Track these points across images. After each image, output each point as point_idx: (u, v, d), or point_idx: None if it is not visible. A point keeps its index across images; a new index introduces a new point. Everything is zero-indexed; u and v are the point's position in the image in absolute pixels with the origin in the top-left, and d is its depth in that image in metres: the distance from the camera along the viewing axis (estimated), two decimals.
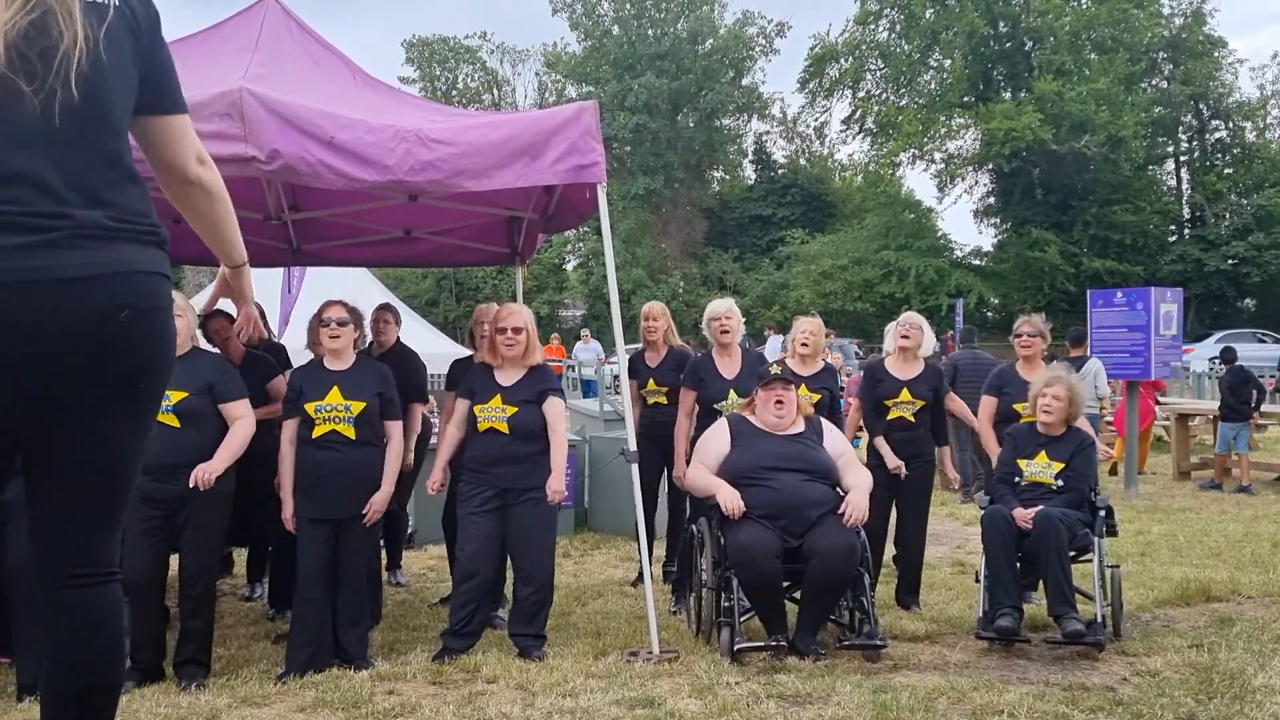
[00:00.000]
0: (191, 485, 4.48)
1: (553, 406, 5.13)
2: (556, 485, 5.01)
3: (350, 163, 4.47)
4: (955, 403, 6.45)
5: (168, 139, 2.35)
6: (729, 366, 6.11)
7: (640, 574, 6.09)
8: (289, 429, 4.98)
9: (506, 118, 5.16)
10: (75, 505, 2.22)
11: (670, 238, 41.97)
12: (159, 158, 2.37)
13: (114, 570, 2.30)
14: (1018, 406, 6.04)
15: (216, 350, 5.87)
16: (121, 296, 2.11)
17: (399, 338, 6.54)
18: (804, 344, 6.13)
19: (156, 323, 2.21)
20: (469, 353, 6.15)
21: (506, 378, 5.16)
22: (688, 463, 5.67)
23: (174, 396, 4.56)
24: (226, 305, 6.57)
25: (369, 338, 6.09)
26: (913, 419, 6.09)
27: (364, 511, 4.88)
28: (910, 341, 6.18)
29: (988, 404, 6.35)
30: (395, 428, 5.07)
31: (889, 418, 6.12)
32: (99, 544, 2.26)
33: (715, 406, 5.94)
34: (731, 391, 5.97)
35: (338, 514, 4.85)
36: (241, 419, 4.78)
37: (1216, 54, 39.66)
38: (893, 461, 6.00)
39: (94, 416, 2.17)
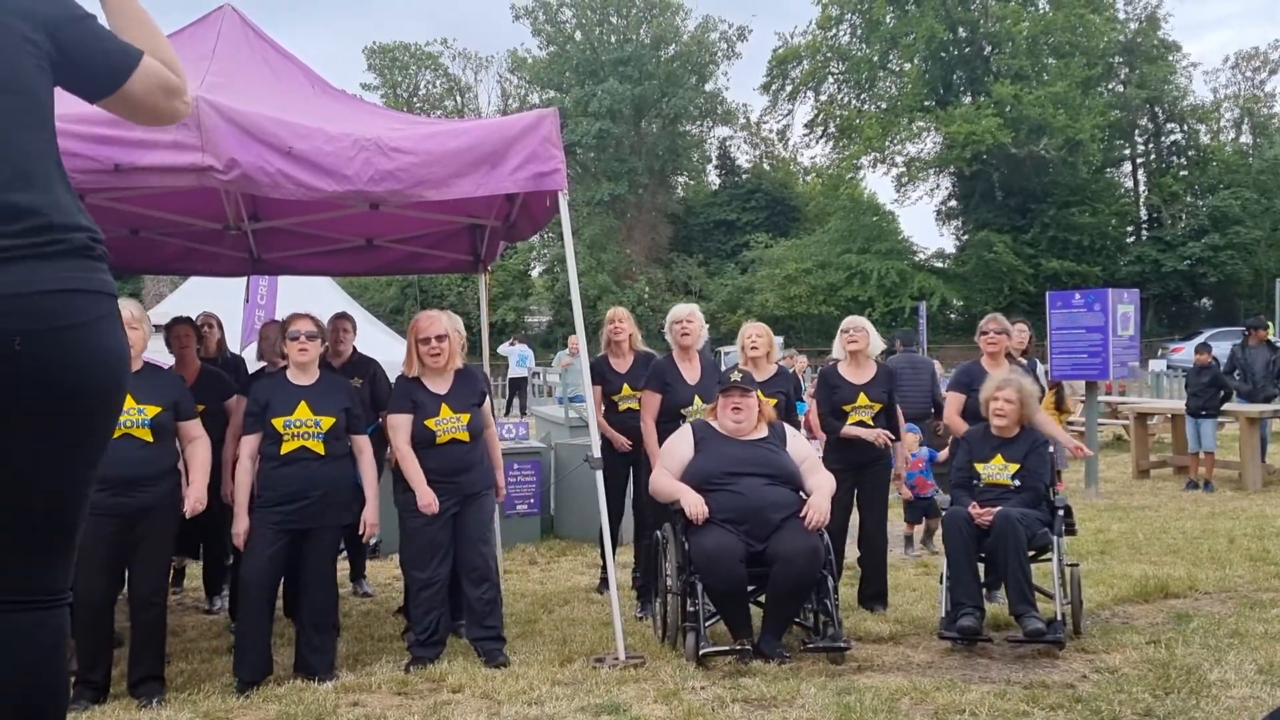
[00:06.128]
0: (189, 515, 4.64)
1: (487, 405, 5.36)
2: (503, 482, 5.42)
3: (309, 172, 4.44)
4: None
5: (128, 108, 2.19)
6: (691, 371, 6.14)
7: (604, 580, 6.09)
8: (250, 444, 4.87)
9: (466, 125, 5.15)
10: (3, 535, 2.08)
11: (635, 243, 42.00)
12: (133, 119, 2.28)
13: (57, 596, 2.16)
14: None
15: (173, 359, 5.83)
16: (11, 321, 1.91)
17: (355, 347, 6.51)
18: (753, 347, 6.16)
19: (71, 341, 1.98)
20: None
21: (439, 386, 5.14)
22: None
23: (149, 411, 4.51)
24: (189, 311, 6.57)
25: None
26: (871, 422, 6.12)
27: (360, 532, 5.05)
28: (858, 345, 6.22)
29: (955, 400, 6.40)
30: (364, 442, 5.05)
31: (849, 423, 6.15)
32: (35, 573, 2.12)
33: (681, 412, 5.96)
34: (696, 397, 6.00)
35: (303, 529, 4.79)
36: (200, 439, 4.80)
37: (1170, 58, 40.37)
38: (872, 434, 6.04)
39: (8, 447, 2.01)
